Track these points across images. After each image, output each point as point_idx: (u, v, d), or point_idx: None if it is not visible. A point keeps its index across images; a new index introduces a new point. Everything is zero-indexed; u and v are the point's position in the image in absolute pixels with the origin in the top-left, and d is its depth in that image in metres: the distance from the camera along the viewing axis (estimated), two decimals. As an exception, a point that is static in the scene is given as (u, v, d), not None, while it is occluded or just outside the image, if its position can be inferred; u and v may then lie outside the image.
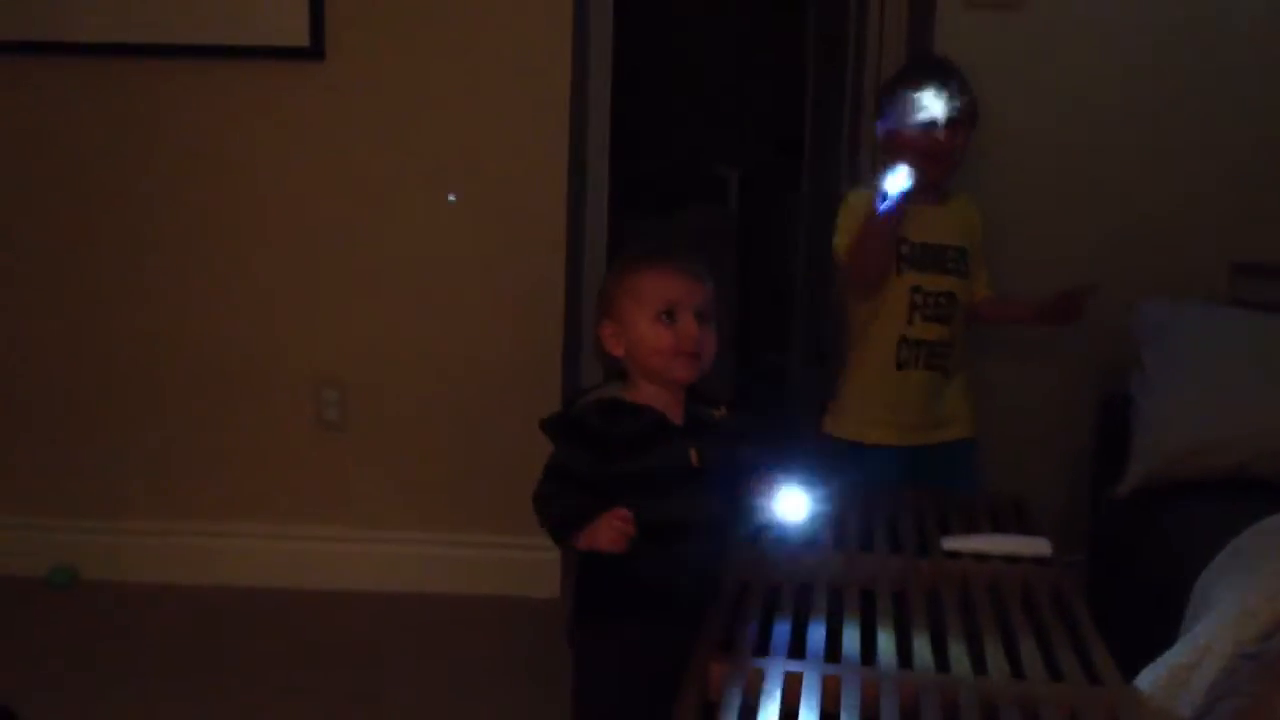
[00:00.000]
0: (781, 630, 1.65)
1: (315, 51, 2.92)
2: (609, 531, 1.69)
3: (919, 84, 2.50)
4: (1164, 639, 1.77)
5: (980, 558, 1.92)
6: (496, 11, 2.93)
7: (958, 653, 1.59)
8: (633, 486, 1.78)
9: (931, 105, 2.47)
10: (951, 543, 1.96)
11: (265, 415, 3.08)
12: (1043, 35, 2.88)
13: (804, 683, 1.49)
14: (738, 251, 5.29)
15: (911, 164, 2.35)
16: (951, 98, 2.46)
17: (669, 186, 5.30)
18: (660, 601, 1.80)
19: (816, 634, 1.64)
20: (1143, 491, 2.29)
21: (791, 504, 1.79)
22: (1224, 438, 2.22)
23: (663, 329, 1.81)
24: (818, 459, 2.43)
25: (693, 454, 1.84)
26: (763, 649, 1.60)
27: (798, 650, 1.59)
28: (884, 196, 2.33)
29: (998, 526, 2.07)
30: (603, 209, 3.47)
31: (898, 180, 2.30)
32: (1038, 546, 1.95)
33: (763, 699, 1.46)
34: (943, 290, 2.48)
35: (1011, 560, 1.91)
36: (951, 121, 2.45)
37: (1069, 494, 2.72)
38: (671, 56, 5.55)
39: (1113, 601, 2.29)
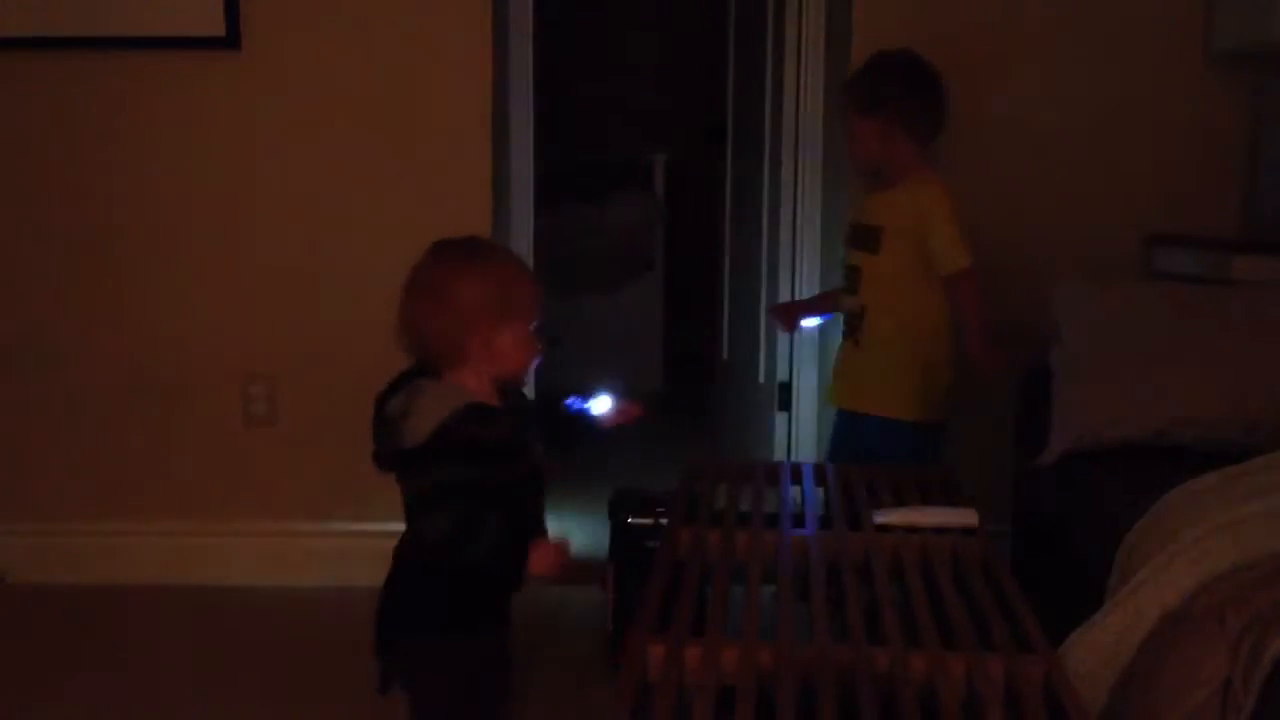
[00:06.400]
0: (716, 609, 1.66)
1: (231, 41, 2.88)
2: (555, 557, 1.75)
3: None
4: (1089, 605, 1.80)
5: (911, 530, 1.95)
6: (415, -1, 2.91)
7: (892, 625, 1.61)
8: (513, 494, 1.77)
9: (843, 96, 2.69)
10: (882, 516, 1.99)
11: (192, 411, 3.04)
12: (956, 16, 2.92)
13: (740, 661, 1.51)
14: (666, 236, 5.31)
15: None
16: (847, 90, 2.67)
17: (596, 174, 5.29)
18: (506, 606, 1.83)
19: (752, 612, 1.65)
20: (1065, 460, 2.33)
21: (601, 403, 1.97)
22: (1142, 406, 2.26)
23: (533, 339, 1.82)
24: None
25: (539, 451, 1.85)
26: (698, 628, 1.61)
27: (734, 628, 1.60)
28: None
29: (926, 499, 2.11)
30: (528, 199, 3.45)
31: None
32: (965, 518, 1.99)
33: (700, 678, 1.47)
34: (852, 265, 2.68)
35: (940, 531, 1.95)
36: (852, 110, 2.63)
37: (993, 465, 2.77)
38: (595, 42, 5.54)
39: (1038, 569, 2.33)
